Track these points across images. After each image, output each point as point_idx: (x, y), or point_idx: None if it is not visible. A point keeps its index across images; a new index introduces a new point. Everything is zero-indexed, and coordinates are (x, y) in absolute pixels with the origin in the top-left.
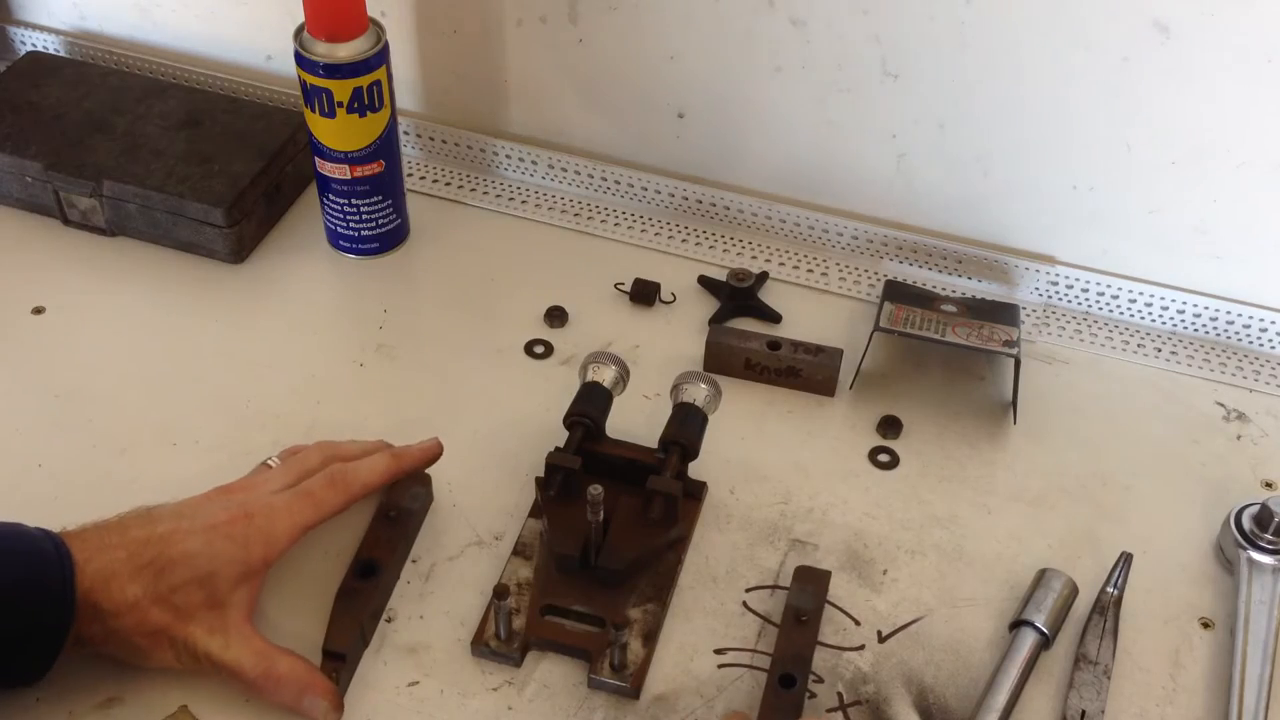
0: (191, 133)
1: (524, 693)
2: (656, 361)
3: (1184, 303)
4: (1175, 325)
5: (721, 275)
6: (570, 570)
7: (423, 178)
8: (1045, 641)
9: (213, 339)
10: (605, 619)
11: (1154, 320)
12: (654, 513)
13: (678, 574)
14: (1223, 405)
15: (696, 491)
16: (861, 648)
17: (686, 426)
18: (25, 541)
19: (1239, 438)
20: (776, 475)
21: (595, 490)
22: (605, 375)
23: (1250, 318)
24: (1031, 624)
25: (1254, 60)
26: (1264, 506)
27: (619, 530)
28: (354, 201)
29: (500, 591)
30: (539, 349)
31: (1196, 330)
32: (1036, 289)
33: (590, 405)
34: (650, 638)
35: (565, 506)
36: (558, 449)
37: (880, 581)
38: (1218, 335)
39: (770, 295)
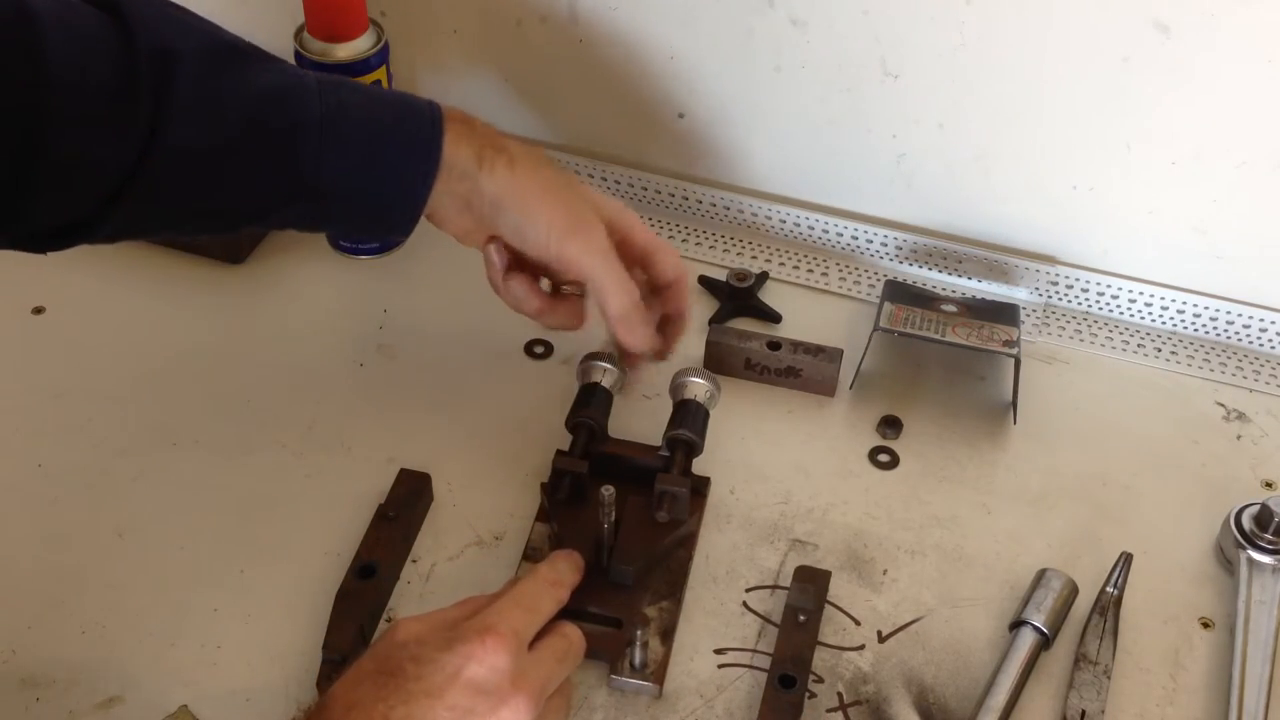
0: None
1: None
2: None
3: (1184, 303)
4: (1175, 325)
5: (721, 275)
6: (587, 573)
7: None
8: (1045, 641)
9: (213, 339)
10: (623, 619)
11: (1154, 320)
12: (663, 511)
13: (689, 570)
14: (1223, 405)
15: (702, 487)
16: (861, 648)
17: (690, 423)
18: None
19: (1239, 438)
20: (776, 475)
21: (607, 492)
22: (605, 376)
23: (1250, 318)
24: (1031, 624)
25: (1254, 60)
26: (1264, 506)
27: (629, 531)
28: None
29: None
30: (539, 349)
31: (1196, 330)
32: (1036, 289)
33: (592, 407)
34: (667, 635)
35: (574, 509)
36: (562, 452)
37: (880, 581)
38: (1218, 335)
39: (770, 295)
